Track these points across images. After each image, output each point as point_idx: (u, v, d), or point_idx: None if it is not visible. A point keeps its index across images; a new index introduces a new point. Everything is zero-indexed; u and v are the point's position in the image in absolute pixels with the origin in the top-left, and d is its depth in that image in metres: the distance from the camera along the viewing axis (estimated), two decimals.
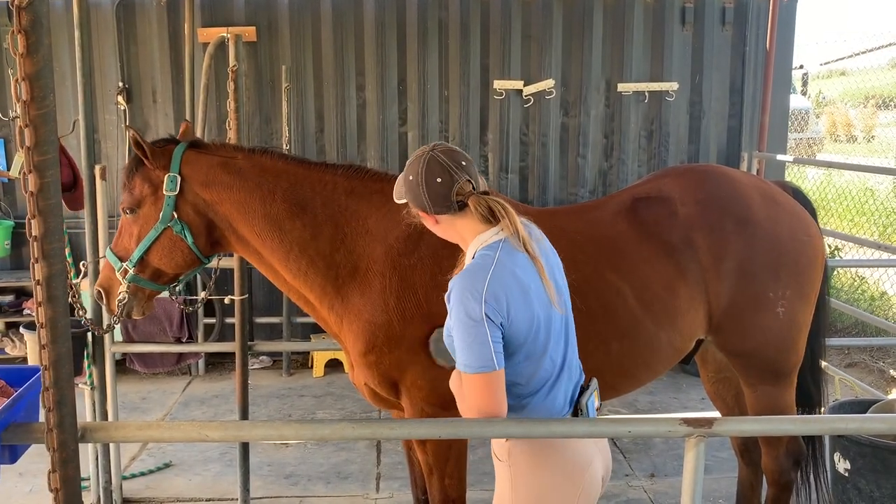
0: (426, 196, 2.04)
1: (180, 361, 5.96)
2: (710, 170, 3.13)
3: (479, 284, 1.94)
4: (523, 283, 1.98)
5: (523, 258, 2.03)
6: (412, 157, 2.11)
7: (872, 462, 3.78)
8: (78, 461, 1.81)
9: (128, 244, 2.79)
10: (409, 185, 2.08)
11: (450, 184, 2.03)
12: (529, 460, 2.09)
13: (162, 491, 4.33)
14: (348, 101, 6.30)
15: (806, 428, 2.14)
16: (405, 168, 2.11)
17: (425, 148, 2.09)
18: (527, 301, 1.98)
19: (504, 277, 1.96)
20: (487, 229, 2.08)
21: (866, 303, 7.39)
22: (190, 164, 2.74)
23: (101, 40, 6.07)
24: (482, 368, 1.92)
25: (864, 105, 18.00)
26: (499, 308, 1.93)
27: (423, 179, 2.03)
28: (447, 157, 2.04)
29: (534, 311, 1.99)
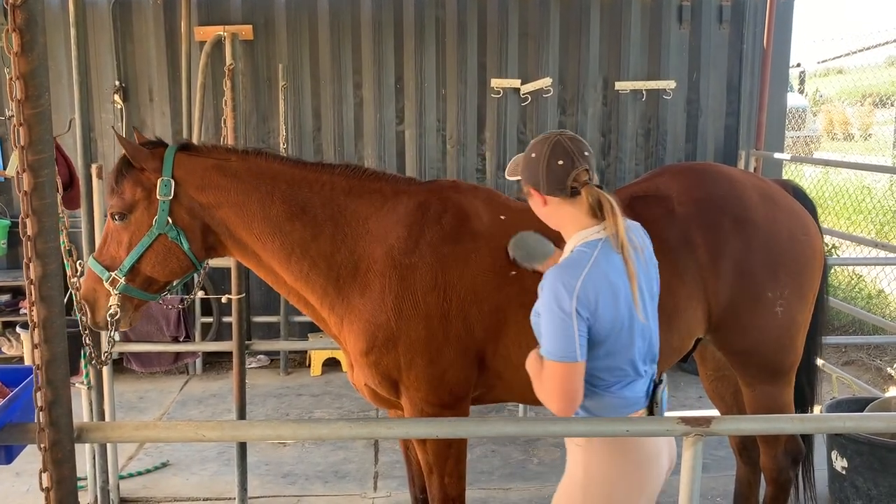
0: (544, 175, 2.11)
1: (177, 361, 5.95)
2: (708, 168, 3.13)
3: (573, 280, 2.02)
4: (615, 285, 2.06)
5: (618, 260, 2.09)
6: (538, 138, 2.18)
7: (870, 460, 3.78)
8: (74, 461, 1.81)
9: (116, 252, 2.67)
10: (528, 162, 2.15)
11: (569, 168, 2.10)
12: (607, 447, 2.16)
13: (159, 490, 4.32)
14: (345, 100, 6.30)
15: (804, 427, 2.14)
16: (529, 147, 2.18)
17: (552, 132, 2.17)
18: (615, 302, 2.06)
19: (597, 277, 2.04)
20: (591, 225, 2.14)
21: (863, 301, 7.40)
22: (183, 167, 2.67)
23: (97, 39, 6.06)
24: (564, 358, 2.02)
25: (860, 103, 18.03)
26: (588, 305, 2.01)
27: (545, 159, 2.10)
28: (572, 144, 2.12)
29: (620, 312, 2.07)
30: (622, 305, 2.07)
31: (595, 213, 2.13)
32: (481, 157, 6.43)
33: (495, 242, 2.75)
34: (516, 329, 2.71)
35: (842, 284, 7.86)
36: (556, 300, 2.01)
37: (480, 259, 2.72)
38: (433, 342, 2.66)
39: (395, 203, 2.78)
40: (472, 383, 2.77)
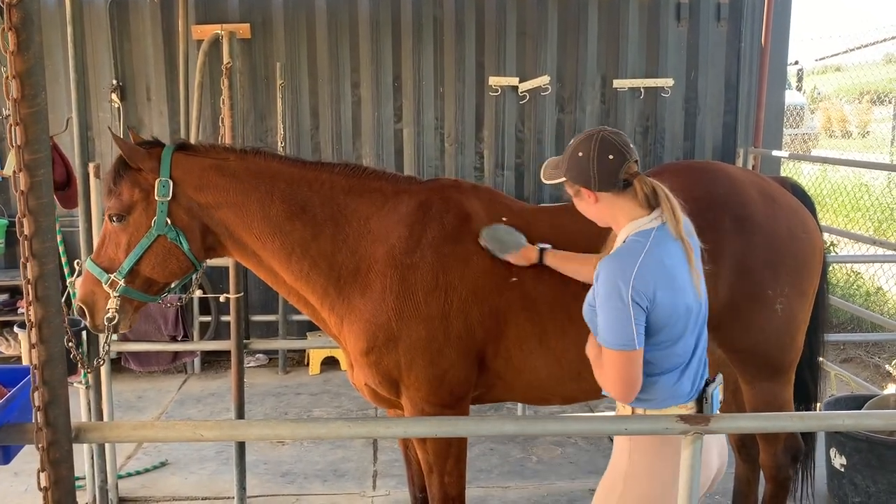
0: (595, 172, 2.11)
1: (176, 360, 5.94)
2: (708, 166, 3.12)
3: (628, 269, 2.03)
4: (671, 271, 2.07)
5: (675, 246, 2.11)
6: (581, 137, 2.16)
7: (868, 457, 3.79)
8: (72, 461, 1.80)
9: (114, 254, 2.64)
10: (576, 161, 2.14)
11: (620, 162, 2.10)
12: (653, 438, 2.18)
13: (158, 490, 4.32)
14: (343, 99, 6.29)
15: (803, 424, 2.14)
16: (571, 147, 2.16)
17: (593, 129, 2.16)
18: (672, 289, 2.07)
19: (652, 265, 2.05)
20: (644, 214, 2.15)
21: (862, 298, 7.40)
22: (181, 168, 2.64)
23: (94, 37, 6.05)
24: (623, 346, 2.05)
25: (858, 101, 18.05)
26: (645, 292, 2.03)
27: (595, 156, 2.10)
28: (618, 138, 2.12)
29: (677, 300, 2.08)
30: (679, 292, 2.08)
31: (648, 202, 2.14)
32: (479, 156, 6.42)
33: None
34: (517, 330, 2.71)
35: (840, 282, 7.87)
36: (613, 289, 2.03)
37: (482, 260, 2.71)
38: (434, 343, 2.65)
39: (396, 202, 2.77)
40: (473, 383, 2.77)
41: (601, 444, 4.83)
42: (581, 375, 2.79)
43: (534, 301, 2.72)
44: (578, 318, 2.73)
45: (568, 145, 2.21)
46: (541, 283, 2.72)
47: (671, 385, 2.16)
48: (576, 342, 2.73)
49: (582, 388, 2.85)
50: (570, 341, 2.73)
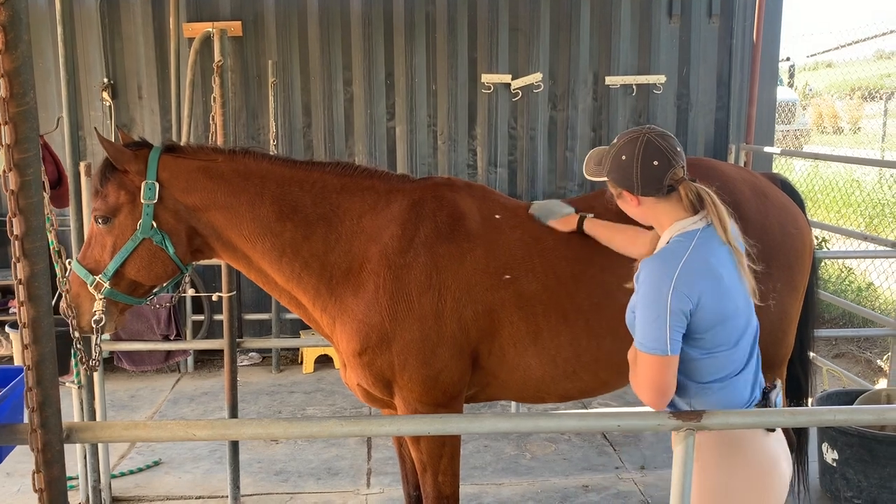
0: (638, 177, 2.06)
1: (169, 359, 5.92)
2: (699, 163, 3.12)
3: (670, 270, 1.99)
4: (717, 272, 2.02)
5: (722, 249, 2.07)
6: (625, 138, 2.11)
7: (860, 452, 3.80)
8: (63, 461, 1.79)
9: (100, 256, 2.62)
10: (619, 164, 2.09)
11: (665, 168, 2.05)
12: (716, 457, 2.13)
13: (151, 489, 4.31)
14: (335, 96, 6.28)
15: (795, 420, 2.14)
16: (615, 147, 2.11)
17: (639, 129, 2.10)
18: (718, 291, 2.02)
19: (697, 265, 2.01)
20: (688, 216, 2.10)
21: (853, 294, 7.44)
22: (168, 170, 2.61)
23: (84, 36, 6.02)
24: (655, 350, 2.00)
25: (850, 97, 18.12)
26: (689, 294, 1.98)
27: (638, 161, 2.05)
28: (664, 142, 2.06)
29: (724, 301, 2.03)
30: (726, 295, 2.03)
31: (694, 207, 2.10)
32: (472, 153, 6.42)
33: (490, 242, 2.75)
34: (511, 328, 2.70)
35: (832, 277, 7.90)
36: (653, 290, 1.99)
37: (476, 259, 2.70)
38: (428, 343, 2.64)
39: (388, 201, 2.75)
40: (467, 383, 2.76)
41: (594, 440, 4.84)
42: (576, 374, 2.79)
43: (528, 299, 2.72)
44: (573, 316, 2.74)
45: (613, 143, 2.14)
46: (535, 282, 2.72)
47: (728, 390, 2.11)
48: (570, 340, 2.73)
49: (577, 387, 2.86)
50: (565, 339, 2.73)
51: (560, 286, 2.73)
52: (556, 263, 2.76)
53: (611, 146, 2.16)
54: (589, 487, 4.26)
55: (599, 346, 2.76)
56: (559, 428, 2.09)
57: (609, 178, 2.14)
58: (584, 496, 4.18)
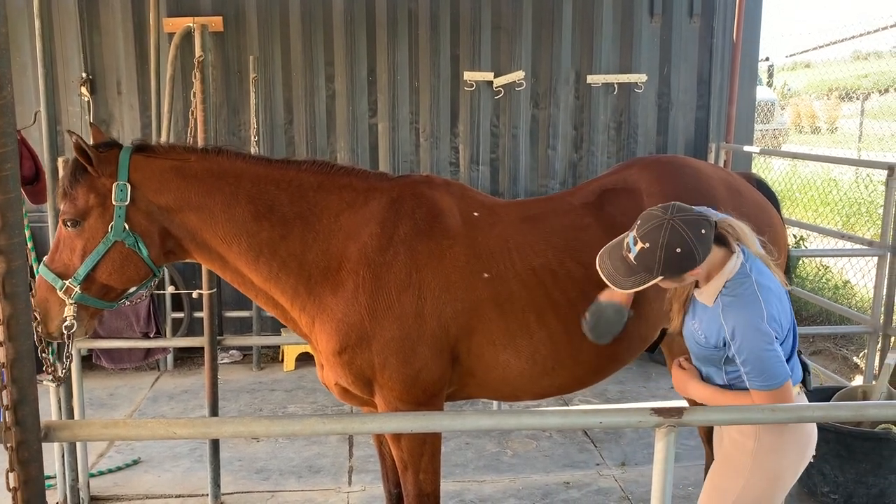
0: (698, 251, 2.19)
1: (148, 357, 5.88)
2: (676, 161, 3.15)
3: (758, 311, 2.21)
4: (775, 290, 2.29)
5: (763, 267, 2.32)
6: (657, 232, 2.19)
7: (836, 448, 3.85)
8: (41, 460, 1.77)
9: (69, 260, 2.55)
10: (679, 256, 2.18)
11: (709, 228, 2.23)
12: (776, 439, 2.35)
13: (131, 488, 4.27)
14: (317, 92, 6.25)
15: (773, 417, 2.17)
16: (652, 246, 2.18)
17: (657, 218, 2.21)
18: (783, 301, 2.31)
19: (766, 295, 2.25)
20: (727, 255, 2.29)
21: (830, 291, 7.52)
22: (140, 171, 2.55)
23: (63, 30, 5.94)
24: (785, 378, 2.25)
25: (827, 97, 18.33)
26: (778, 323, 2.26)
27: (692, 240, 2.17)
28: (687, 213, 2.22)
29: (787, 306, 2.33)
30: (785, 300, 2.32)
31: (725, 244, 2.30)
32: (455, 151, 6.42)
33: (469, 240, 2.74)
34: (489, 327, 2.71)
35: (809, 275, 7.99)
36: (757, 335, 2.21)
37: (455, 256, 2.70)
38: (408, 341, 2.63)
39: (367, 198, 2.74)
40: (447, 381, 2.76)
41: (576, 437, 4.86)
42: (554, 371, 2.80)
43: (507, 297, 2.72)
44: (550, 314, 2.75)
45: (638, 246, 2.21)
46: (514, 280, 2.73)
47: (793, 364, 2.37)
48: (549, 338, 2.74)
49: (554, 384, 2.87)
50: (544, 337, 2.74)
51: (538, 284, 2.74)
52: (534, 261, 2.77)
53: (641, 250, 2.20)
54: (570, 484, 4.29)
55: (577, 343, 2.78)
56: (541, 425, 2.11)
57: (665, 277, 2.22)
58: (566, 493, 4.20)
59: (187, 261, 2.86)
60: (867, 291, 7.12)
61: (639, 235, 2.21)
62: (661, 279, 2.22)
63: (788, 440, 2.36)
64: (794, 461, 2.40)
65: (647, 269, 2.21)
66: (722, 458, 2.49)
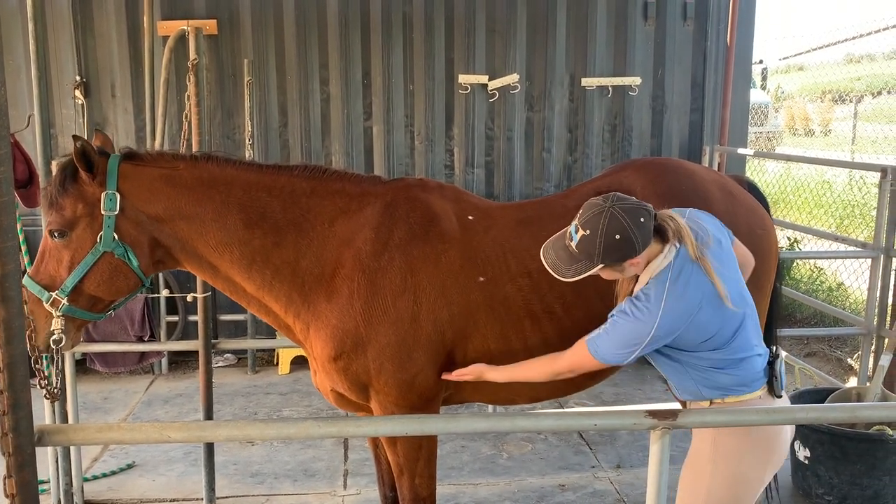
0: (638, 239, 2.18)
1: (142, 360, 5.87)
2: (670, 163, 3.15)
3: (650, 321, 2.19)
4: (694, 301, 2.21)
5: (695, 268, 2.23)
6: (595, 221, 2.20)
7: (831, 449, 3.86)
8: (35, 465, 1.77)
9: (55, 271, 2.49)
10: (619, 243, 2.18)
11: (649, 216, 2.21)
12: (734, 441, 2.35)
13: (125, 492, 4.26)
14: (312, 96, 6.24)
15: (768, 418, 2.17)
16: (594, 236, 2.19)
17: (597, 206, 2.22)
18: (698, 318, 2.22)
19: (673, 310, 2.19)
20: (657, 252, 2.26)
21: (824, 293, 7.54)
22: (129, 179, 2.50)
23: (56, 33, 5.93)
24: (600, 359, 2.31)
25: (821, 99, 18.40)
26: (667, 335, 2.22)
27: (631, 226, 2.17)
28: (626, 202, 2.22)
29: (707, 323, 2.23)
30: (716, 305, 2.22)
31: (662, 238, 2.26)
32: (449, 153, 6.43)
33: (465, 243, 2.73)
34: (485, 331, 2.70)
35: (804, 277, 8.01)
36: (632, 332, 2.21)
37: (450, 260, 2.69)
38: (404, 346, 2.62)
39: (361, 203, 2.72)
40: (443, 385, 2.74)
41: (571, 439, 4.87)
42: None
43: (502, 301, 2.71)
44: (546, 318, 2.75)
45: (579, 234, 2.22)
46: (509, 283, 2.72)
47: (743, 374, 2.33)
48: (543, 342, 2.74)
49: (548, 388, 2.86)
50: (539, 341, 2.73)
51: (534, 287, 2.73)
52: (529, 264, 2.76)
53: (582, 238, 2.21)
54: (565, 487, 4.29)
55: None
56: (537, 427, 2.10)
57: (607, 263, 2.22)
58: (561, 495, 4.20)
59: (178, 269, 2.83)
60: (861, 293, 7.14)
61: (580, 223, 2.23)
62: (602, 267, 2.23)
63: (745, 443, 2.35)
64: (754, 464, 2.37)
65: (588, 256, 2.21)
66: (686, 465, 2.51)
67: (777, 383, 2.37)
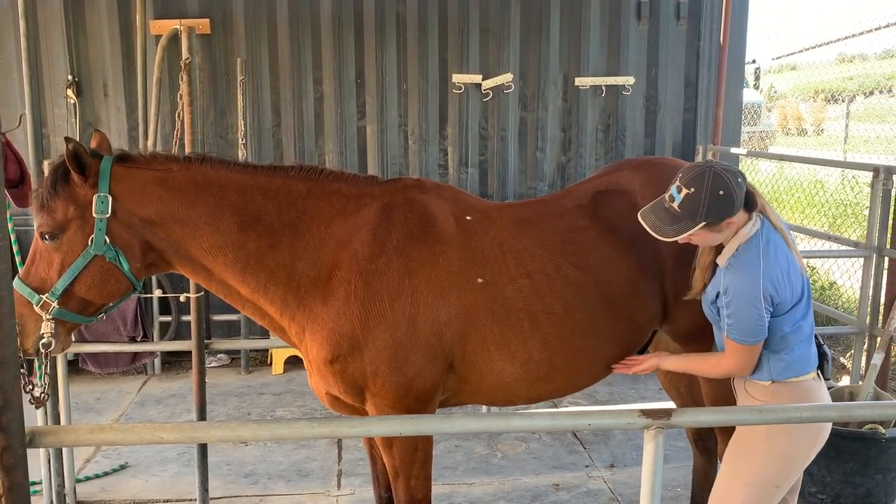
0: (737, 197, 2.34)
1: (135, 361, 5.83)
2: (666, 162, 3.16)
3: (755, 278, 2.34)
4: (786, 260, 2.39)
5: (778, 236, 2.41)
6: (699, 179, 2.34)
7: (824, 448, 3.83)
8: (26, 466, 1.76)
9: (46, 274, 2.46)
10: (722, 199, 2.33)
11: (744, 179, 2.38)
12: (792, 397, 2.47)
13: (118, 493, 4.24)
14: (305, 95, 6.23)
15: (761, 417, 2.18)
16: (697, 190, 2.33)
17: (699, 166, 2.38)
18: (790, 275, 2.39)
19: (771, 265, 2.35)
20: (745, 220, 2.42)
21: (817, 292, 7.56)
22: (121, 182, 2.47)
23: (48, 31, 5.90)
24: (749, 341, 2.40)
25: (813, 99, 18.46)
26: (773, 293, 2.37)
27: (732, 185, 2.33)
28: (723, 164, 2.39)
29: (796, 282, 2.41)
30: (795, 275, 2.40)
31: (749, 208, 2.41)
32: (443, 153, 6.42)
33: (463, 244, 2.72)
34: (484, 333, 2.68)
35: None
36: (745, 298, 2.34)
37: (449, 262, 2.67)
38: (401, 349, 2.60)
39: (358, 205, 2.70)
40: (440, 388, 2.73)
41: (565, 439, 4.87)
42: (549, 377, 2.79)
43: (502, 302, 2.69)
44: (545, 319, 2.74)
45: (682, 193, 2.35)
46: (508, 284, 2.71)
47: (806, 352, 2.47)
48: (543, 343, 2.73)
49: (548, 389, 2.86)
50: (538, 342, 2.72)
51: (533, 288, 2.72)
52: (529, 265, 2.75)
53: (686, 196, 2.35)
54: (559, 486, 4.29)
55: (572, 347, 2.77)
56: (531, 427, 2.10)
57: (707, 222, 2.34)
58: (555, 495, 4.20)
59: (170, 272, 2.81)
60: (853, 292, 7.16)
61: (683, 183, 2.36)
62: (703, 225, 2.34)
63: (801, 424, 2.44)
64: (805, 445, 2.49)
65: (691, 214, 2.34)
66: (735, 441, 2.59)
67: (828, 366, 2.54)
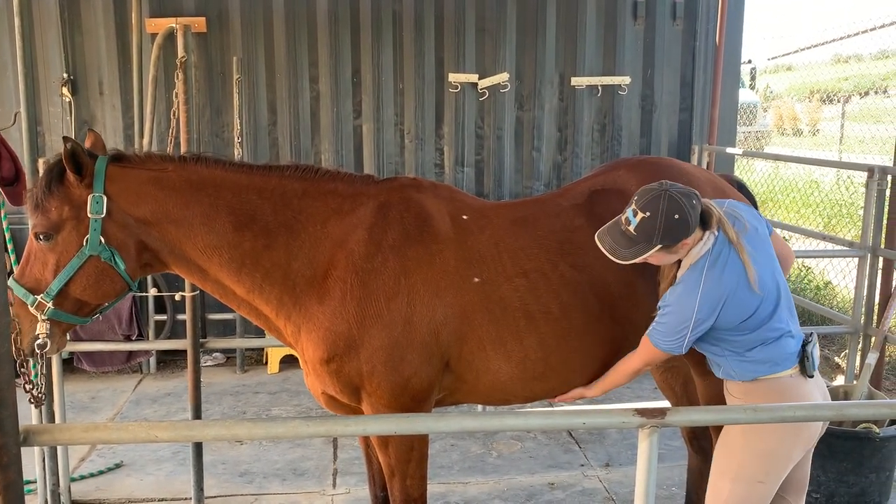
0: (693, 219, 2.34)
1: (130, 359, 5.83)
2: (663, 162, 3.16)
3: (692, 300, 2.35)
4: (731, 284, 2.35)
5: (732, 252, 2.38)
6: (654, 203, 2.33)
7: (819, 447, 3.85)
8: (20, 464, 1.75)
9: (41, 274, 2.45)
10: (677, 223, 2.32)
11: (699, 200, 2.38)
12: (765, 398, 2.45)
13: (113, 492, 4.24)
14: (301, 94, 6.22)
15: (756, 416, 2.18)
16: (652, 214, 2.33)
17: (655, 189, 2.36)
18: (735, 298, 2.36)
19: (712, 290, 2.35)
20: (699, 238, 2.40)
21: (812, 292, 7.59)
22: (116, 182, 2.47)
23: (43, 29, 5.88)
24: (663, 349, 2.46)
25: (809, 99, 18.49)
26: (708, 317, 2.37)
27: (687, 206, 2.33)
28: (680, 186, 2.38)
29: (744, 303, 2.37)
30: (744, 297, 2.36)
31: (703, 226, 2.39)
32: (440, 152, 6.42)
33: (459, 244, 2.72)
34: (480, 332, 2.68)
35: (791, 276, 8.05)
36: (679, 316, 2.36)
37: (445, 261, 2.66)
38: (397, 349, 2.59)
39: (354, 204, 2.70)
40: (436, 388, 2.73)
41: (560, 438, 4.87)
42: (544, 376, 2.79)
43: (498, 302, 2.69)
44: (541, 318, 2.74)
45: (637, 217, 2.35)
46: (505, 284, 2.71)
47: (773, 354, 2.45)
48: (540, 343, 2.73)
49: (544, 388, 2.86)
50: (535, 341, 2.72)
51: (530, 288, 2.72)
52: (525, 264, 2.75)
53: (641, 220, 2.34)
54: (555, 485, 4.30)
55: (568, 347, 2.77)
56: (526, 426, 2.11)
57: (663, 245, 2.35)
58: (550, 494, 4.20)
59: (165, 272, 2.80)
60: (848, 292, 7.19)
61: (638, 207, 2.36)
62: (659, 248, 2.35)
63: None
64: (786, 442, 2.48)
65: (647, 238, 2.34)
66: (720, 439, 2.61)
67: (809, 363, 2.48)
